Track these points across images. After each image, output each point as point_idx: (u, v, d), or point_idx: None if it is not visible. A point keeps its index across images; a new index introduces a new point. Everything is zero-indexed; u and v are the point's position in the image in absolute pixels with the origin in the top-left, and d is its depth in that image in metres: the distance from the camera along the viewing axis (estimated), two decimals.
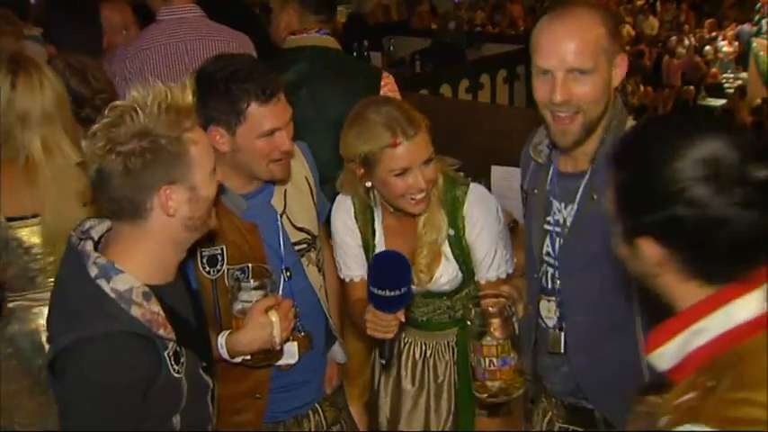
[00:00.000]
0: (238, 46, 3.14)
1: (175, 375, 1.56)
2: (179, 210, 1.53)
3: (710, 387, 1.07)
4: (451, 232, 2.13)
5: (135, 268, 1.53)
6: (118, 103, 1.54)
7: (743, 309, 1.11)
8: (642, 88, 10.63)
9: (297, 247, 2.14)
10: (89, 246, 1.54)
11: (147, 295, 1.51)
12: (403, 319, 1.97)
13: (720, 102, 10.37)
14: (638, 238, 1.15)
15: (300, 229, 2.14)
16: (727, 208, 1.07)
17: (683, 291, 1.15)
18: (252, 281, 1.97)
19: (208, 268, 2.01)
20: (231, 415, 2.13)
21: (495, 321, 1.81)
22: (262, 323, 1.89)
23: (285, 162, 2.02)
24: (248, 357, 1.96)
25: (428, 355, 2.29)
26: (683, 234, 1.10)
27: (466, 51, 8.48)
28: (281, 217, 2.09)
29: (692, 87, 10.83)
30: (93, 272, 1.50)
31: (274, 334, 1.90)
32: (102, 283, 1.49)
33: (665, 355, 1.16)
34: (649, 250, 1.14)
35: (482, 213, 2.11)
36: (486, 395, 1.85)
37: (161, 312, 1.52)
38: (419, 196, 2.02)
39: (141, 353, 1.48)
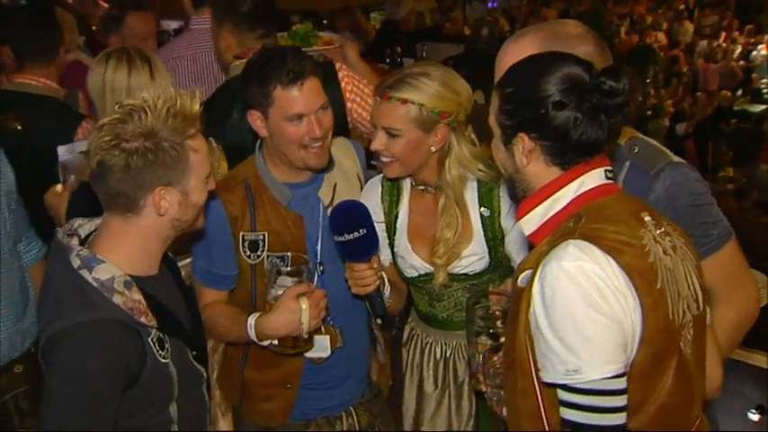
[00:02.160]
0: None
1: (162, 360, 1.62)
2: (169, 210, 1.62)
3: (572, 225, 1.41)
4: (486, 212, 2.12)
5: (118, 259, 1.61)
6: (128, 101, 1.60)
7: (590, 181, 1.46)
8: (680, 93, 10.45)
9: None
10: (74, 241, 1.63)
11: (129, 284, 1.58)
12: (376, 266, 2.00)
13: (761, 108, 10.11)
14: (517, 134, 1.47)
15: None
16: (581, 110, 1.40)
17: (546, 176, 1.48)
18: (289, 268, 2.01)
19: (249, 253, 2.07)
20: (260, 402, 2.19)
21: (497, 321, 1.82)
22: (291, 308, 1.94)
23: (318, 150, 2.04)
24: (276, 342, 1.99)
25: (448, 355, 2.31)
26: (548, 128, 1.43)
27: None
28: (326, 209, 2.10)
29: (728, 93, 10.58)
30: (76, 263, 1.57)
31: (302, 320, 1.94)
32: (84, 273, 1.56)
33: (532, 220, 1.50)
34: (523, 143, 1.47)
35: None
36: (479, 387, 1.87)
37: (142, 301, 1.59)
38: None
39: (124, 339, 1.55)
